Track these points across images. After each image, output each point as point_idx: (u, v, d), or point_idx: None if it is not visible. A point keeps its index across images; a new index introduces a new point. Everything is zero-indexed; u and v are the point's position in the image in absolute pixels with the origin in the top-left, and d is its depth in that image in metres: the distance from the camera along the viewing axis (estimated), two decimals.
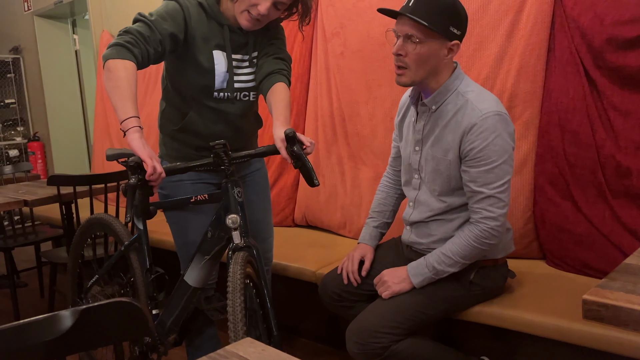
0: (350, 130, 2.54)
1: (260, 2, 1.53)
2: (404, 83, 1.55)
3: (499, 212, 1.51)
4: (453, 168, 1.56)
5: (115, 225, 1.91)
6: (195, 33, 1.59)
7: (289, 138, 1.39)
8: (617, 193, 1.83)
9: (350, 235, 2.54)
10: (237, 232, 1.44)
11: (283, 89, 1.61)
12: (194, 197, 1.54)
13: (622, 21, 1.79)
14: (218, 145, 1.45)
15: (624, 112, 1.82)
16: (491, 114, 1.48)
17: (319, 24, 2.66)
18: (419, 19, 1.44)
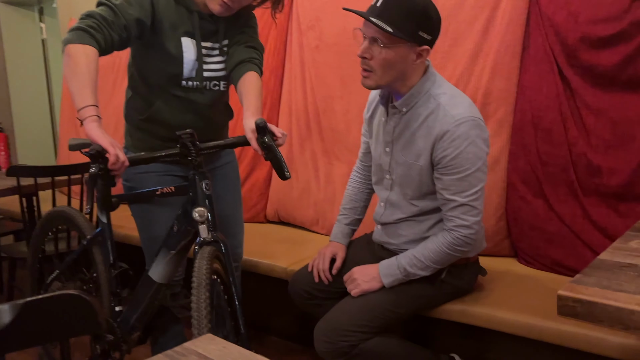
0: (324, 125, 2.51)
1: None
2: (369, 86, 1.49)
3: (472, 220, 1.49)
4: (425, 174, 1.52)
5: (78, 218, 1.83)
6: (163, 19, 1.54)
7: (259, 128, 1.34)
8: (588, 191, 1.84)
9: (323, 231, 2.51)
10: (204, 225, 1.39)
11: (254, 78, 1.56)
12: (159, 189, 1.48)
13: (596, 20, 1.80)
14: (185, 134, 1.39)
15: (596, 110, 1.83)
16: (464, 120, 1.43)
17: (294, 16, 2.61)
18: (384, 25, 1.37)
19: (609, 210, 1.79)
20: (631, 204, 1.75)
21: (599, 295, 0.81)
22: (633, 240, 1.10)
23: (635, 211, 1.74)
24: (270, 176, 2.76)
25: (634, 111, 1.74)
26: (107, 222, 1.61)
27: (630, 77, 1.75)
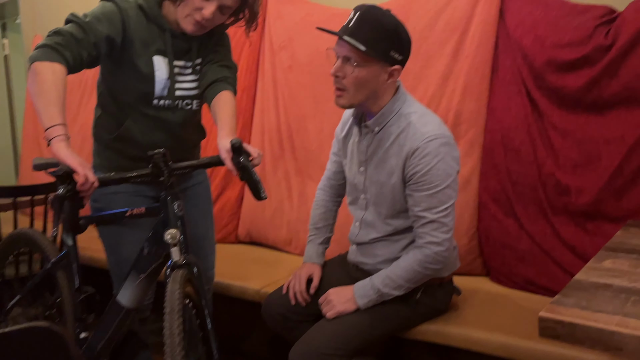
0: (297, 144, 2.50)
1: (204, 5, 1.47)
2: (343, 105, 1.52)
3: (442, 237, 1.49)
4: (397, 191, 1.54)
5: (41, 240, 1.76)
6: (134, 37, 1.51)
7: (235, 148, 1.32)
8: (557, 210, 1.87)
9: (296, 252, 2.48)
10: (177, 248, 1.35)
11: (228, 98, 1.55)
12: (129, 210, 1.44)
13: (561, 44, 1.86)
14: (157, 154, 1.36)
15: (563, 131, 1.88)
16: (434, 137, 1.46)
17: (266, 36, 2.62)
18: (357, 44, 1.41)
19: (578, 228, 1.83)
20: (598, 222, 1.79)
21: (579, 316, 0.81)
22: (606, 260, 1.12)
23: (602, 229, 1.79)
24: (242, 195, 2.73)
25: (599, 132, 1.80)
26: (73, 245, 1.55)
27: (594, 99, 1.81)
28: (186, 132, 1.69)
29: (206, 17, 1.47)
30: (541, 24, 1.90)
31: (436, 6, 2.13)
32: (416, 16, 2.16)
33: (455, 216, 1.54)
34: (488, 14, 2.03)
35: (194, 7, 1.47)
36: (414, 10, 2.17)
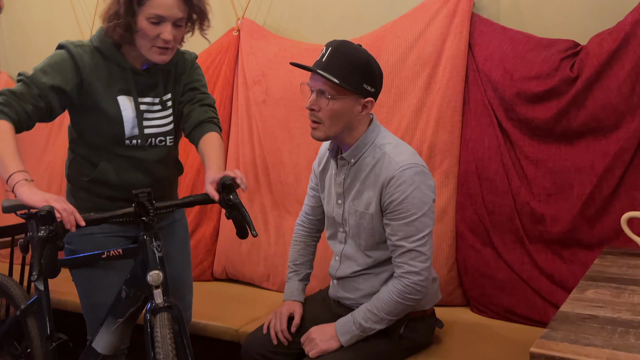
0: (273, 178, 2.49)
1: (160, 30, 1.46)
2: (319, 137, 1.53)
3: (421, 267, 1.50)
4: (376, 221, 1.54)
5: (9, 285, 1.69)
6: (93, 80, 1.50)
7: (226, 186, 1.31)
8: (534, 238, 1.90)
9: (274, 288, 2.44)
10: (159, 290, 1.31)
11: (216, 138, 1.56)
12: (106, 252, 1.39)
13: (529, 77, 1.92)
14: (142, 194, 1.33)
15: (535, 161, 1.93)
16: (408, 167, 1.48)
17: (239, 71, 2.63)
18: (331, 77, 1.44)
19: (554, 256, 1.86)
20: (574, 249, 1.83)
21: (570, 350, 0.82)
22: (588, 290, 1.13)
23: (578, 256, 1.82)
24: (217, 231, 2.68)
25: (570, 161, 1.85)
26: (45, 290, 1.49)
27: (564, 130, 1.87)
28: (163, 169, 1.66)
29: (168, 39, 1.46)
30: (509, 57, 1.97)
31: (406, 42, 2.18)
32: (387, 51, 2.21)
33: (433, 246, 1.55)
34: (457, 48, 2.08)
35: (152, 37, 1.47)
36: (385, 45, 2.22)
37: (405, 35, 2.18)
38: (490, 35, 2.04)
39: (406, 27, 2.19)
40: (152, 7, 1.43)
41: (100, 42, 1.52)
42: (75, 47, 1.51)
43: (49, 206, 1.22)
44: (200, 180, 2.70)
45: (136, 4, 1.43)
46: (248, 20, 2.66)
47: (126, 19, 1.45)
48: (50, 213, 1.21)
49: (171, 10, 1.44)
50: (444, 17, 2.11)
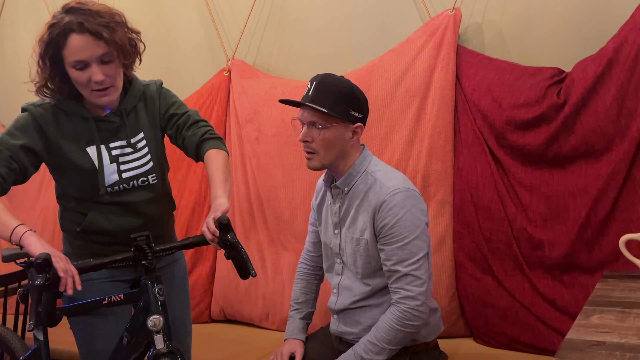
0: (269, 214, 2.48)
1: (89, 74, 1.42)
2: (314, 167, 1.57)
3: (417, 291, 1.49)
4: (371, 247, 1.55)
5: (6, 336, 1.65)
6: (59, 138, 1.50)
7: (223, 226, 1.30)
8: (533, 265, 1.90)
9: (274, 327, 2.40)
10: (160, 335, 1.29)
11: (213, 156, 1.51)
12: (106, 298, 1.37)
13: (518, 104, 1.95)
14: (140, 237, 1.32)
15: (529, 187, 1.94)
16: (399, 191, 1.51)
17: (231, 110, 2.65)
18: (320, 107, 1.49)
19: (555, 282, 1.85)
20: (574, 273, 1.83)
21: None
22: (593, 315, 1.13)
23: (578, 281, 1.82)
24: (214, 271, 2.66)
25: (564, 185, 1.87)
26: (44, 340, 1.45)
27: (555, 155, 1.89)
28: (154, 207, 1.63)
29: (99, 79, 1.42)
30: (497, 86, 2.01)
31: (395, 75, 2.23)
32: (377, 85, 2.25)
33: (429, 269, 1.55)
34: (445, 80, 2.12)
35: (86, 82, 1.43)
36: (374, 79, 2.25)
37: (393, 69, 2.23)
38: (477, 65, 2.08)
39: (394, 62, 2.23)
40: (70, 55, 1.40)
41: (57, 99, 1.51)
42: (36, 107, 1.50)
43: (45, 254, 1.21)
44: (195, 220, 2.69)
45: (54, 57, 1.42)
46: (238, 60, 2.71)
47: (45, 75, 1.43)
48: (46, 261, 1.19)
49: (88, 50, 1.39)
50: (430, 50, 2.15)
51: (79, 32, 1.38)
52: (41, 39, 1.41)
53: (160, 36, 2.92)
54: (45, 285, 1.18)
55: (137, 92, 1.59)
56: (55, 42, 1.40)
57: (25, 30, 3.70)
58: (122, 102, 1.56)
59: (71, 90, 1.49)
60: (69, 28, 1.38)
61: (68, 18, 1.39)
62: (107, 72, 1.44)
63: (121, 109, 1.55)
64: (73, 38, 1.38)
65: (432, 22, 2.19)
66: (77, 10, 1.41)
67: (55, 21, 1.40)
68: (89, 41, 1.39)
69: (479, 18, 2.19)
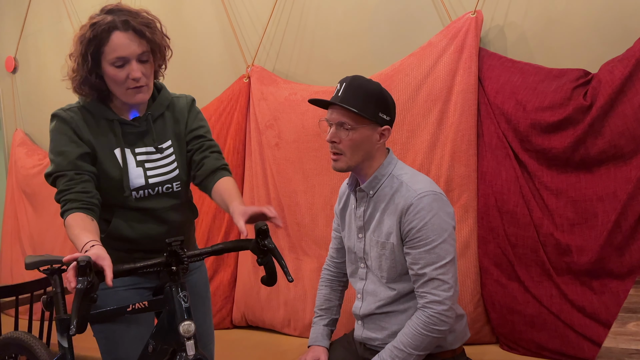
0: (290, 220, 2.48)
1: (128, 70, 1.45)
2: (340, 168, 1.56)
3: (444, 295, 1.47)
4: (397, 251, 1.53)
5: (32, 344, 1.66)
6: (90, 138, 1.51)
7: (262, 231, 1.30)
8: (560, 270, 1.86)
9: (296, 333, 2.39)
10: (192, 342, 1.28)
11: (231, 180, 1.55)
12: (131, 305, 1.37)
13: (543, 107, 1.92)
14: (175, 242, 1.31)
15: (555, 191, 1.90)
16: (426, 194, 1.49)
17: (251, 117, 2.66)
18: (350, 107, 1.49)
19: (584, 288, 1.81)
20: (604, 280, 1.78)
21: None
22: (630, 323, 1.09)
23: (608, 287, 1.77)
24: (235, 278, 2.66)
25: (592, 189, 1.83)
26: (69, 347, 1.46)
27: (582, 158, 1.85)
28: (177, 215, 1.64)
29: (137, 76, 1.46)
30: (520, 89, 1.98)
31: (416, 79, 2.21)
32: (397, 89, 2.23)
33: (457, 276, 1.53)
34: (467, 83, 2.10)
35: (122, 80, 1.46)
36: (395, 84, 2.24)
37: (414, 73, 2.21)
38: (500, 68, 2.06)
39: (415, 66, 2.22)
40: (111, 51, 1.44)
41: (85, 100, 1.54)
42: (66, 111, 1.53)
43: (87, 257, 1.21)
44: (216, 226, 2.69)
45: (93, 55, 1.45)
46: (258, 67, 2.71)
47: (84, 72, 1.46)
48: (88, 263, 1.19)
49: (129, 47, 1.43)
50: (451, 53, 2.13)
51: (122, 30, 1.43)
52: (82, 37, 1.45)
53: (180, 43, 2.94)
54: (87, 288, 1.18)
55: (165, 101, 1.61)
56: (99, 39, 1.43)
57: (48, 41, 3.77)
58: (149, 108, 1.58)
59: (101, 92, 1.52)
60: (113, 25, 1.42)
61: (110, 17, 1.44)
62: (144, 70, 1.48)
63: (148, 114, 1.57)
64: (116, 35, 1.43)
65: (454, 25, 2.17)
66: (118, 10, 1.46)
67: (97, 20, 1.44)
68: (131, 38, 1.43)
69: (501, 20, 2.17)
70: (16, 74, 3.98)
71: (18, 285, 2.22)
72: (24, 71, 3.93)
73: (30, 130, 3.91)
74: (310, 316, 2.34)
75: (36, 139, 3.87)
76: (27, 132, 3.91)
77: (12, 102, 4.00)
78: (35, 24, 3.81)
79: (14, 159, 3.79)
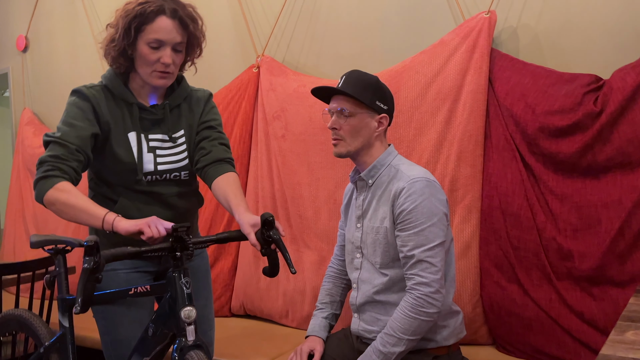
0: (292, 212, 2.48)
1: (161, 54, 1.51)
2: (340, 153, 1.63)
3: (431, 278, 1.49)
4: (390, 235, 1.57)
5: (33, 322, 1.67)
6: (108, 118, 1.54)
7: (268, 222, 1.32)
8: (561, 275, 1.86)
9: (293, 324, 2.40)
10: (192, 327, 1.29)
11: (236, 178, 1.57)
12: (132, 288, 1.38)
13: (552, 111, 1.91)
14: (182, 228, 1.32)
15: (560, 196, 1.90)
16: (419, 179, 1.55)
17: (259, 107, 2.66)
18: (348, 92, 1.59)
19: (584, 294, 1.81)
20: (604, 287, 1.78)
21: None
22: (628, 331, 1.09)
23: (608, 294, 1.77)
24: (235, 266, 2.67)
25: (597, 196, 1.82)
26: (69, 326, 1.47)
27: (589, 164, 1.85)
28: (183, 201, 1.67)
29: (167, 62, 1.51)
30: (530, 92, 1.97)
31: (426, 77, 2.20)
32: (407, 86, 2.23)
33: (445, 260, 1.56)
34: (477, 83, 2.09)
35: (152, 62, 1.51)
36: (404, 80, 2.23)
37: (424, 70, 2.20)
38: (511, 70, 2.05)
39: (425, 63, 2.21)
40: (152, 32, 1.49)
41: (109, 80, 1.57)
42: (88, 89, 1.56)
43: (95, 237, 1.23)
44: (219, 214, 2.70)
45: (135, 30, 1.49)
46: (268, 57, 2.71)
47: (122, 44, 1.50)
48: (96, 243, 1.21)
49: (170, 33, 1.50)
50: (463, 52, 2.12)
51: (169, 16, 1.50)
52: (129, 11, 1.49)
53: None
54: (94, 269, 1.20)
55: (183, 93, 1.65)
56: (144, 17, 1.48)
57: (60, 21, 3.77)
58: (167, 97, 1.62)
59: (120, 65, 1.55)
60: (162, 9, 1.49)
61: (161, 1, 1.50)
62: (175, 59, 1.54)
63: (165, 103, 1.60)
64: (162, 19, 1.49)
65: (467, 24, 2.16)
66: None
67: (148, 0, 1.49)
68: (175, 26, 1.51)
69: (514, 22, 2.16)
70: (27, 53, 3.98)
71: (20, 263, 2.24)
72: (34, 50, 3.94)
73: (38, 109, 3.92)
74: (308, 308, 2.34)
75: (44, 119, 3.89)
76: (35, 111, 3.92)
77: (21, 80, 4.01)
78: (48, 4, 3.81)
79: (21, 137, 3.81)
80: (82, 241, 1.43)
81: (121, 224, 1.36)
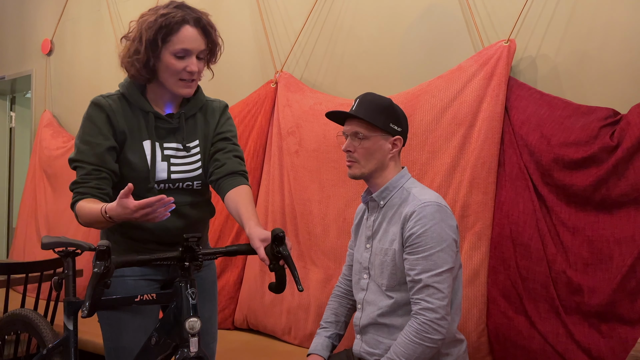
0: (301, 228, 2.48)
1: (187, 63, 1.52)
2: (354, 175, 1.64)
3: (437, 304, 1.48)
4: (398, 257, 1.56)
5: (38, 323, 1.68)
6: (124, 127, 1.56)
7: (278, 238, 1.32)
8: (570, 309, 1.83)
9: (295, 342, 2.38)
10: (196, 339, 1.29)
11: (249, 192, 1.58)
12: (139, 296, 1.38)
13: (568, 143, 1.90)
14: (192, 238, 1.33)
15: (572, 228, 1.88)
16: (430, 204, 1.54)
17: (274, 122, 2.68)
18: (361, 117, 1.60)
19: (592, 330, 1.78)
20: (613, 324, 1.75)
21: None
22: None
23: (617, 332, 1.74)
24: (241, 279, 2.67)
25: (610, 230, 1.80)
26: (74, 330, 1.48)
27: (603, 198, 1.83)
28: (195, 211, 1.67)
29: (194, 70, 1.53)
30: (546, 122, 1.96)
31: (442, 102, 2.21)
32: (422, 110, 2.23)
33: (460, 297, 1.57)
34: (494, 110, 2.09)
35: (178, 71, 1.53)
36: (420, 104, 2.24)
37: (441, 95, 2.21)
38: (528, 99, 2.05)
39: (442, 88, 2.22)
40: (178, 42, 1.51)
41: (126, 88, 1.59)
42: (105, 99, 1.58)
43: (107, 242, 1.24)
44: (228, 226, 2.71)
45: (161, 41, 1.50)
46: (286, 73, 2.74)
47: (147, 56, 1.51)
48: (108, 248, 1.22)
49: (195, 42, 1.52)
50: (480, 79, 2.13)
51: (193, 25, 1.52)
52: (152, 23, 1.51)
53: None
54: (104, 273, 1.21)
55: (199, 103, 1.66)
56: (169, 28, 1.50)
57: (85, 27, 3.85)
58: (183, 107, 1.63)
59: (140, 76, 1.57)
60: (185, 19, 1.51)
61: (182, 12, 1.52)
62: (199, 67, 1.57)
63: (181, 112, 1.61)
64: (186, 29, 1.51)
65: (486, 51, 2.17)
66: (188, 8, 1.54)
67: (168, 12, 1.51)
68: (199, 35, 1.53)
69: (534, 51, 2.16)
70: (51, 57, 4.07)
71: (29, 263, 2.25)
72: (58, 54, 4.02)
73: (59, 112, 3.99)
74: (311, 326, 2.33)
75: (63, 121, 3.95)
76: (55, 113, 3.99)
77: (44, 83, 4.08)
78: (75, 10, 3.90)
79: (39, 138, 3.87)
80: (93, 245, 1.45)
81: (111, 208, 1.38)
